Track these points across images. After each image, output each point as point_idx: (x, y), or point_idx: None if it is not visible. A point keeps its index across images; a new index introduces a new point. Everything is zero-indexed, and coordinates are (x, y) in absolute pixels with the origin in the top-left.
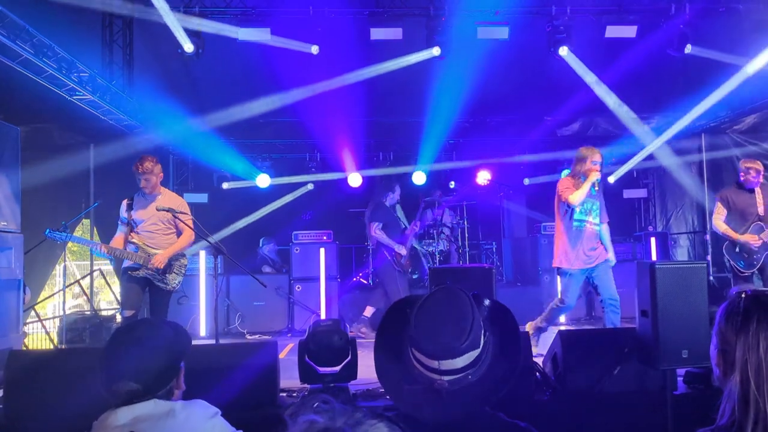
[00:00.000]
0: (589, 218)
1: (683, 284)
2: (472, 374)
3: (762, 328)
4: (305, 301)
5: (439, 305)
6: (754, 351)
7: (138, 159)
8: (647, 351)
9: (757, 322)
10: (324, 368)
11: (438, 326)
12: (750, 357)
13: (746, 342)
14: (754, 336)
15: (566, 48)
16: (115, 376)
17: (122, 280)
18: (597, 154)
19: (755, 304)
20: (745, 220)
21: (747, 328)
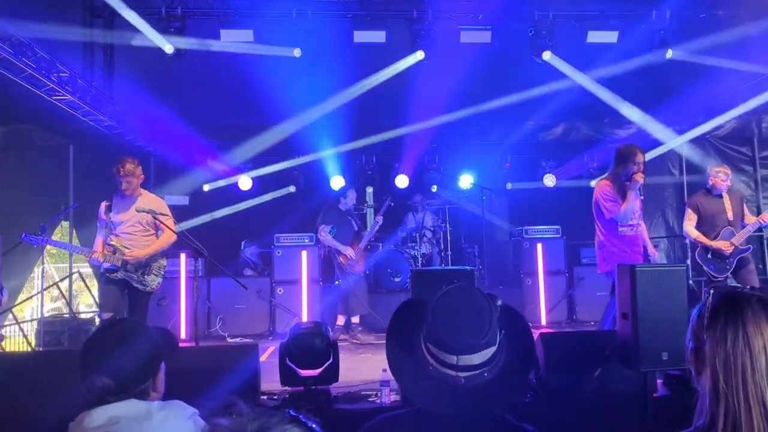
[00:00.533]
0: (632, 221)
1: (663, 287)
2: (488, 371)
3: (729, 322)
4: (287, 304)
5: (456, 301)
6: (722, 346)
7: (119, 161)
8: (627, 353)
9: (725, 318)
10: (305, 371)
11: (457, 321)
12: (718, 352)
13: (714, 337)
14: (722, 331)
15: (549, 52)
16: (91, 370)
17: (100, 283)
18: (639, 154)
19: (722, 300)
20: (716, 225)
21: (715, 324)
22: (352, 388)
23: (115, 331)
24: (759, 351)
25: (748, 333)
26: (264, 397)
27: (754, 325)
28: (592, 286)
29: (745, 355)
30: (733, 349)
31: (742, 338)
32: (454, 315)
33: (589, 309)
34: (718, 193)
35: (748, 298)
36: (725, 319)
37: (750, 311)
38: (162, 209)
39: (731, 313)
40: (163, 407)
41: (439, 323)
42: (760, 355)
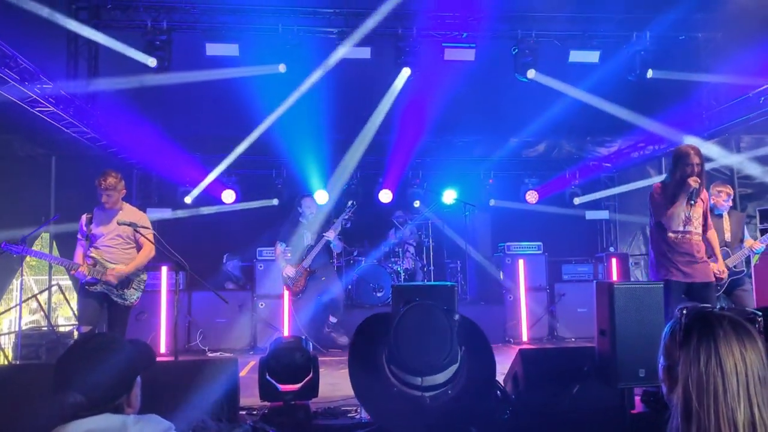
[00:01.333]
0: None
1: (640, 304)
2: (452, 388)
3: (702, 342)
4: (269, 318)
5: (417, 321)
6: (695, 365)
7: (101, 174)
8: (606, 370)
9: (698, 337)
10: (285, 386)
11: (419, 343)
12: (691, 372)
13: (688, 357)
14: (695, 351)
15: (534, 70)
16: (63, 387)
17: (79, 296)
18: (694, 155)
19: (695, 319)
20: None
21: (688, 343)
22: (332, 404)
23: (88, 346)
24: (730, 371)
25: (720, 353)
26: (243, 413)
27: (726, 345)
28: (573, 303)
29: (717, 375)
30: (706, 369)
31: (715, 358)
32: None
33: (570, 325)
34: (719, 212)
35: (719, 319)
36: (698, 339)
37: (721, 331)
38: (143, 223)
39: (704, 333)
40: (139, 421)
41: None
42: (732, 375)
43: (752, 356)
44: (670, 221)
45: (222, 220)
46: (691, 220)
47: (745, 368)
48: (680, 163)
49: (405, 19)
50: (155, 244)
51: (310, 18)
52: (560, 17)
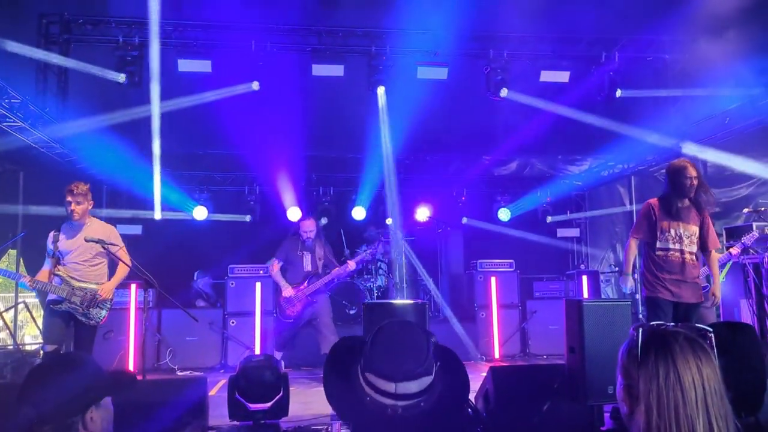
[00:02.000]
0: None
1: (609, 321)
2: (425, 401)
3: (660, 358)
4: (240, 336)
5: (395, 332)
6: (655, 381)
7: (70, 183)
8: (575, 387)
9: (655, 354)
10: (254, 405)
11: (395, 350)
12: (651, 387)
13: (647, 374)
14: (653, 367)
15: (506, 90)
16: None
17: (45, 314)
18: (690, 167)
19: (652, 336)
20: None
21: (646, 360)
22: (302, 423)
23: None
24: (689, 385)
25: (679, 368)
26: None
27: (683, 360)
28: (544, 320)
29: (676, 389)
30: (665, 384)
31: (673, 373)
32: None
33: (542, 342)
34: None
35: (675, 335)
36: (656, 356)
37: (678, 347)
38: (112, 238)
39: (661, 350)
40: None
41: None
42: (691, 389)
43: (708, 370)
44: (657, 238)
45: (193, 236)
46: (681, 239)
47: (702, 382)
48: (677, 176)
49: (378, 38)
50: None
51: (283, 35)
52: (531, 37)
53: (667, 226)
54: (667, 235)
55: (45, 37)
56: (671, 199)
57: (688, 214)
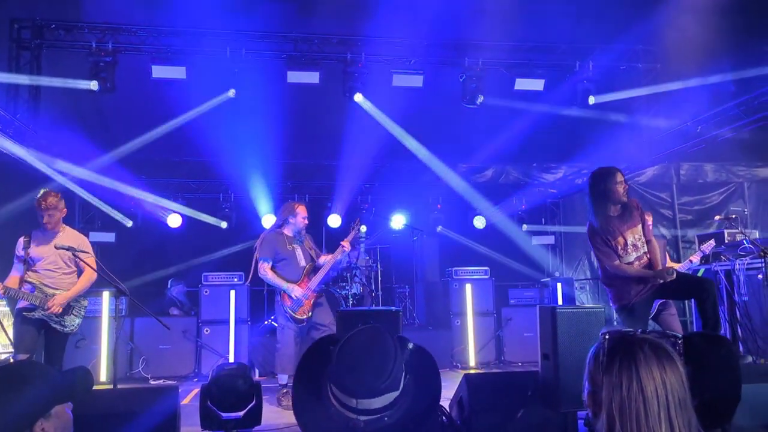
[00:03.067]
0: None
1: (582, 328)
2: (389, 416)
3: (624, 367)
4: (214, 344)
5: (363, 344)
6: (618, 390)
7: (40, 194)
8: (549, 394)
9: (620, 362)
10: (227, 413)
11: (360, 364)
12: (614, 396)
13: (611, 382)
14: (617, 375)
15: (482, 96)
16: None
17: (16, 322)
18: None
19: (618, 344)
20: None
21: (611, 368)
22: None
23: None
24: (651, 395)
25: (642, 378)
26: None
27: (646, 369)
28: (519, 327)
29: (638, 400)
30: (628, 394)
31: (636, 383)
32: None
33: (517, 349)
34: None
35: (640, 343)
36: (620, 364)
37: (642, 356)
38: (83, 246)
39: (625, 358)
40: None
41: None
42: (653, 399)
43: (672, 380)
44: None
45: (167, 244)
46: (636, 246)
47: (665, 392)
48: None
49: (353, 45)
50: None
51: (258, 42)
52: (506, 46)
53: (623, 241)
54: (626, 249)
55: (17, 42)
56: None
57: (630, 218)
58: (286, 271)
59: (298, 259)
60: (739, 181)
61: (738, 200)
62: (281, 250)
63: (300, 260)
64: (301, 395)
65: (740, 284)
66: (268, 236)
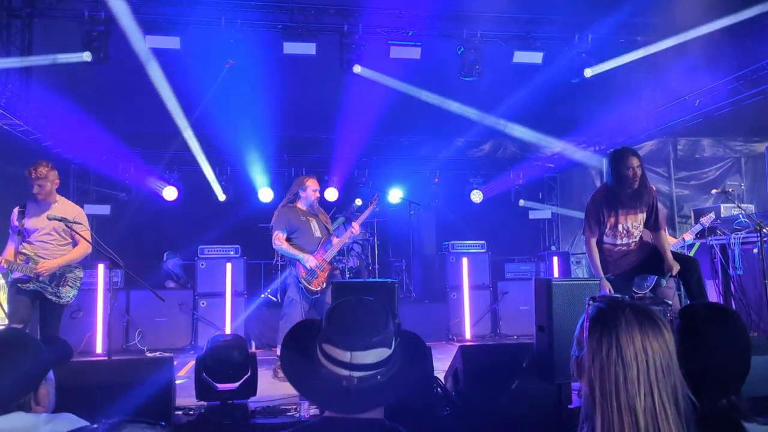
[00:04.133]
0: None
1: (578, 300)
2: (382, 374)
3: (605, 333)
4: (210, 317)
5: (353, 306)
6: (598, 355)
7: (32, 164)
8: (543, 365)
9: (601, 327)
10: (222, 385)
11: (352, 320)
12: (595, 361)
13: (591, 348)
14: (598, 341)
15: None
16: None
17: (10, 292)
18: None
19: (600, 310)
20: None
21: (592, 333)
22: (271, 402)
23: None
24: (631, 360)
25: (621, 343)
26: (179, 412)
27: (627, 334)
28: (515, 301)
29: (618, 365)
30: (607, 359)
31: (616, 348)
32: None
33: (512, 323)
34: None
35: (622, 307)
36: (601, 329)
37: (623, 321)
38: (78, 218)
39: (606, 324)
40: (51, 420)
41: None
42: (632, 365)
43: (654, 345)
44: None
45: (163, 217)
46: (630, 232)
47: (645, 357)
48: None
49: (351, 16)
50: (88, 241)
51: (254, 12)
52: (505, 18)
53: (614, 221)
54: (615, 230)
55: (7, 11)
56: (615, 190)
57: (634, 203)
58: (301, 242)
59: (312, 230)
60: (736, 156)
61: (735, 175)
62: (295, 221)
63: (315, 231)
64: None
65: (735, 258)
66: (281, 209)
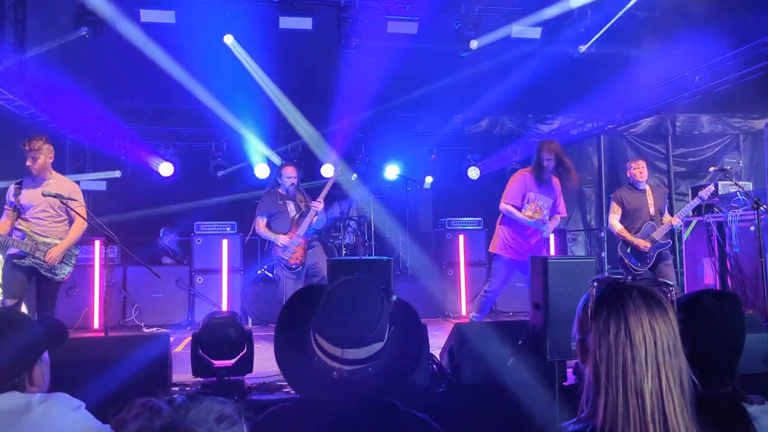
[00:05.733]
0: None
1: (574, 278)
2: (373, 367)
3: (612, 314)
4: (206, 293)
5: (349, 294)
6: (605, 338)
7: (27, 138)
8: (539, 343)
9: (608, 309)
10: (218, 361)
11: (346, 314)
12: (602, 343)
13: (598, 329)
14: (605, 323)
15: (476, 42)
16: None
17: (5, 268)
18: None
19: (606, 292)
20: (638, 219)
21: (599, 316)
22: (267, 379)
23: None
24: (639, 342)
25: (630, 325)
26: (175, 389)
27: (635, 316)
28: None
29: (626, 347)
30: (615, 341)
31: (624, 330)
32: (345, 307)
33: (508, 300)
34: (641, 187)
35: (629, 290)
36: (608, 311)
37: (631, 303)
38: (73, 194)
39: (614, 305)
40: (45, 400)
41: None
42: (641, 346)
43: (662, 326)
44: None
45: (159, 193)
46: (541, 210)
47: (654, 338)
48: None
49: None
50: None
51: None
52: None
53: (533, 196)
54: (529, 205)
55: None
56: (536, 171)
57: (548, 187)
58: (278, 225)
59: (288, 212)
60: (735, 133)
61: (733, 152)
62: (274, 206)
63: (290, 212)
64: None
65: (732, 236)
66: (264, 196)
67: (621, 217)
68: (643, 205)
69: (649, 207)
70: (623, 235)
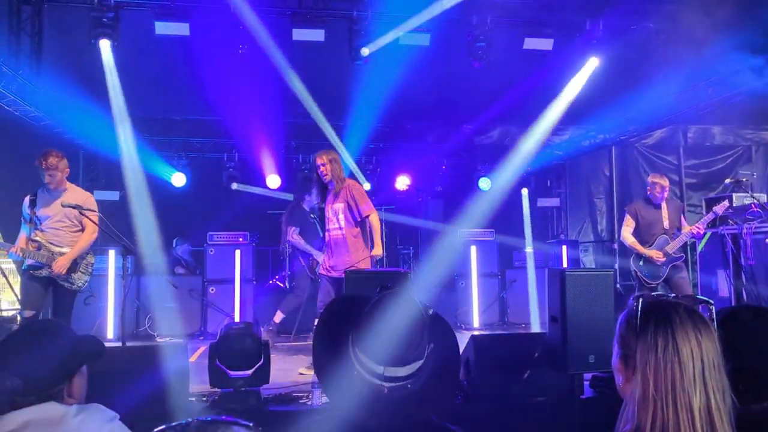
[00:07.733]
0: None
1: (591, 291)
2: (412, 384)
3: (659, 329)
4: (219, 303)
5: (391, 309)
6: (653, 353)
7: (41, 154)
8: (556, 356)
9: (655, 325)
10: (235, 372)
11: (389, 332)
12: (649, 358)
13: (645, 344)
14: (653, 338)
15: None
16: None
17: (23, 279)
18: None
19: (652, 307)
20: (652, 233)
21: (645, 330)
22: (283, 390)
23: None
24: (687, 357)
25: (677, 340)
26: (193, 399)
27: (682, 332)
28: (524, 289)
29: (674, 362)
30: (663, 356)
31: (672, 345)
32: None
33: (521, 311)
34: (657, 203)
35: (675, 307)
36: (655, 327)
37: (678, 319)
38: (89, 204)
39: (661, 321)
40: (80, 411)
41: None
42: (689, 362)
43: (707, 343)
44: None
45: (172, 203)
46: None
47: (701, 354)
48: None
49: (360, 2)
50: (101, 227)
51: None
52: (515, 4)
53: (327, 209)
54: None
55: None
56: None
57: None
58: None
59: (318, 231)
60: (747, 145)
61: (746, 164)
62: (305, 221)
63: (317, 230)
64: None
65: (747, 248)
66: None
67: (635, 231)
68: (657, 219)
69: (663, 221)
70: (635, 247)
